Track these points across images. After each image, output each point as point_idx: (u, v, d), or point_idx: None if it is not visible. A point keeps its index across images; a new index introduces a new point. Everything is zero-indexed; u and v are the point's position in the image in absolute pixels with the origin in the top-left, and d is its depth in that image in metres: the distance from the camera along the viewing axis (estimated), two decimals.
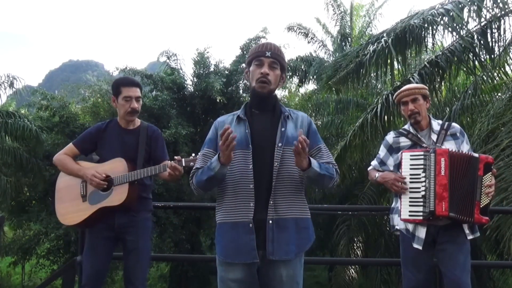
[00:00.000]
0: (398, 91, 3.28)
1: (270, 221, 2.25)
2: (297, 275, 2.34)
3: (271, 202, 2.27)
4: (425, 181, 2.96)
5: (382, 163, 3.28)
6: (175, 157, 3.07)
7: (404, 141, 3.19)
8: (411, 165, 3.02)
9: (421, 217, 2.95)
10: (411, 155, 3.03)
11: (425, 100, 3.22)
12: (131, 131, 3.32)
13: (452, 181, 2.93)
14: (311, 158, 2.27)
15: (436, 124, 3.19)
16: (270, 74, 2.34)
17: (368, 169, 3.41)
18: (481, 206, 2.93)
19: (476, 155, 3.00)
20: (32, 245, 14.30)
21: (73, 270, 3.80)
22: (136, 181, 3.16)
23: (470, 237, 2.99)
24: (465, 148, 3.12)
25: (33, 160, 13.11)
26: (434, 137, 3.13)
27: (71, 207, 3.24)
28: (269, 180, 2.28)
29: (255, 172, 2.28)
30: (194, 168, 2.47)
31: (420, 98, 3.17)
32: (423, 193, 2.96)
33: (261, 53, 2.35)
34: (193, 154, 2.73)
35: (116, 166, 3.18)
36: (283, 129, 2.36)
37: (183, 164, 3.00)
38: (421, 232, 3.01)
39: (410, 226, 3.08)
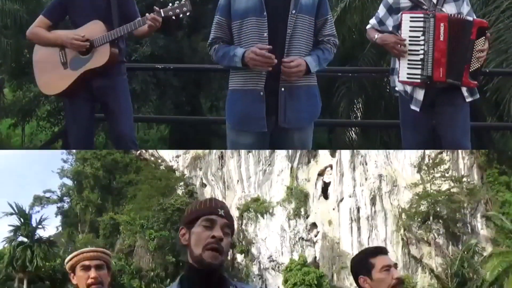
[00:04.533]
0: None
1: (283, 88, 2.26)
2: (308, 141, 2.43)
3: None
4: (424, 45, 2.93)
5: (381, 22, 3.19)
6: (155, 7, 3.03)
7: (404, 2, 3.07)
8: (410, 27, 2.96)
9: (418, 80, 2.96)
10: (411, 17, 2.96)
11: None
12: None
13: (450, 47, 2.90)
14: (307, 62, 2.26)
15: None
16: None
17: (367, 27, 3.35)
18: (470, 70, 2.90)
19: (470, 19, 2.93)
20: (32, 107, 14.50)
21: None
22: (117, 41, 3.13)
23: (469, 99, 3.00)
24: (465, 9, 3.03)
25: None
26: None
27: (53, 76, 3.22)
28: (282, 48, 2.24)
29: (269, 40, 2.25)
30: (210, 38, 2.47)
31: None
32: (421, 56, 2.93)
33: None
34: (171, 4, 2.74)
35: (94, 28, 3.11)
36: None
37: (162, 15, 2.95)
38: (419, 94, 3.01)
39: (409, 88, 3.07)
